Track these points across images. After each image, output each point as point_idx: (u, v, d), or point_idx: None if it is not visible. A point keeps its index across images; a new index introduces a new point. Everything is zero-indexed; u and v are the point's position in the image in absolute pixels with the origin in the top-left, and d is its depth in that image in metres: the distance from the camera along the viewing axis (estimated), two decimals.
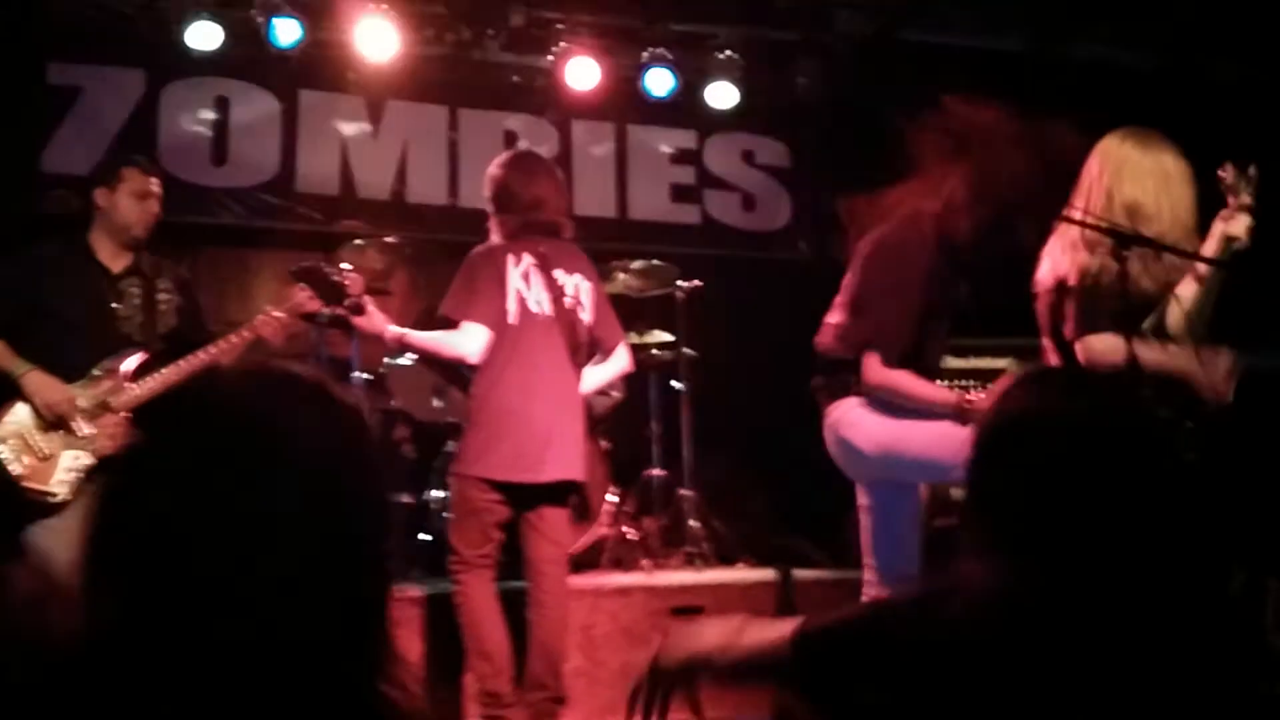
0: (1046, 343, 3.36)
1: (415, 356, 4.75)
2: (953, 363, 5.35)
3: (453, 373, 4.60)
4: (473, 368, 3.67)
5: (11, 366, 3.58)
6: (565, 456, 3.63)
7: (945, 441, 2.90)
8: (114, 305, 3.77)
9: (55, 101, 5.45)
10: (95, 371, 3.67)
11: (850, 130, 6.51)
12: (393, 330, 3.70)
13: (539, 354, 3.63)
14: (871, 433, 3.16)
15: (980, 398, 3.14)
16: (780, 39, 6.22)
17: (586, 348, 3.82)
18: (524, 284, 3.66)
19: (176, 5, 5.31)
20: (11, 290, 3.69)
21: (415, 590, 4.14)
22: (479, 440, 3.59)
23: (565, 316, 3.70)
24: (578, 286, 3.77)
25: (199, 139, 5.74)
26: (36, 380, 3.58)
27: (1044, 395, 1.42)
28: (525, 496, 3.60)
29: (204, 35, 5.35)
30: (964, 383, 5.32)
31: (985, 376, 5.32)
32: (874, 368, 3.18)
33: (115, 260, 3.83)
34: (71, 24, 5.44)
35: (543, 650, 3.57)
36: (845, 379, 3.23)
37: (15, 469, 3.54)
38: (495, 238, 3.77)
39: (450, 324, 3.63)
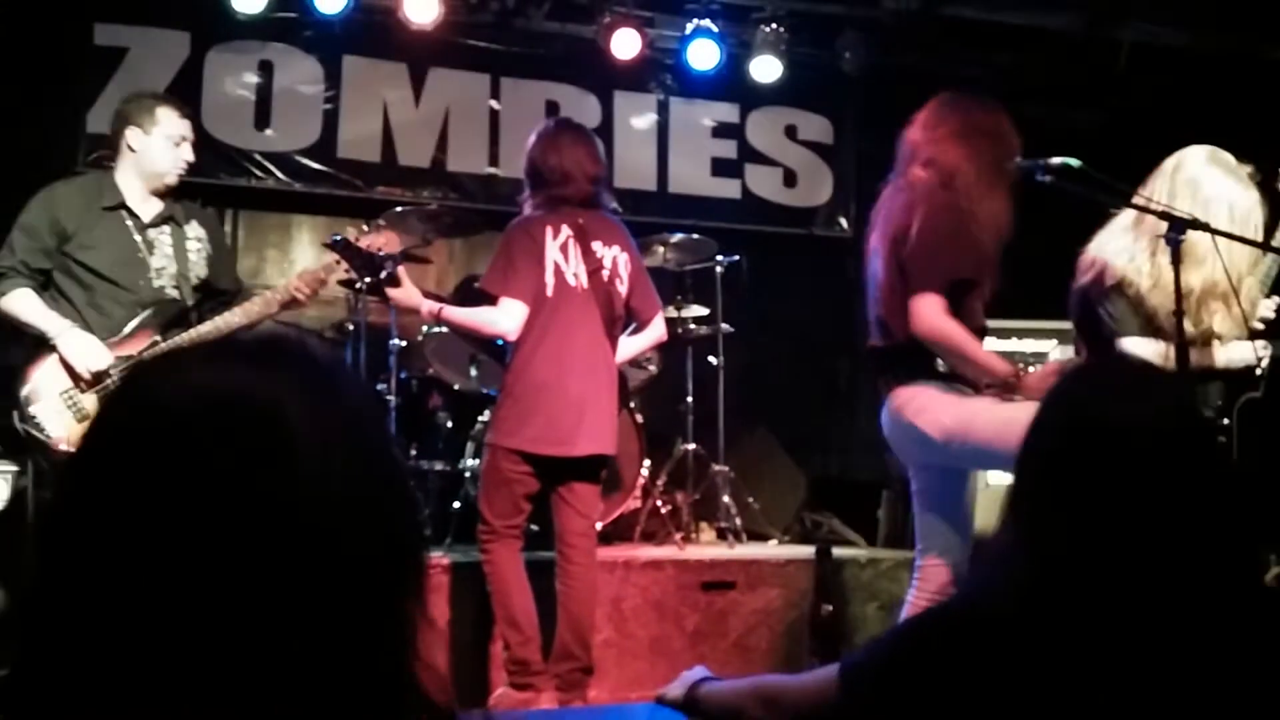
0: (1078, 336, 3.33)
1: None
2: (994, 345, 5.30)
3: (487, 344, 4.60)
4: (510, 341, 3.67)
5: (46, 324, 3.41)
6: (598, 430, 3.63)
7: (1014, 428, 2.83)
8: (146, 256, 3.57)
9: (102, 62, 5.47)
10: (128, 329, 3.49)
11: (894, 107, 6.43)
12: (429, 305, 3.67)
13: (575, 327, 3.63)
14: (941, 417, 2.99)
15: (1032, 375, 3.07)
16: (825, 13, 6.15)
17: (623, 320, 3.82)
18: (562, 256, 3.65)
19: None
20: (40, 237, 3.48)
21: (445, 558, 4.17)
22: (513, 412, 3.60)
23: (602, 289, 3.69)
24: (615, 259, 3.75)
25: (242, 102, 5.76)
26: (73, 340, 3.40)
27: (1108, 395, 1.40)
28: (557, 469, 3.62)
29: None
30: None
31: (1028, 360, 5.28)
32: (930, 312, 2.96)
33: (145, 207, 3.61)
34: None
35: (572, 621, 3.60)
36: (915, 363, 3.07)
37: (54, 430, 3.40)
38: (535, 208, 3.76)
39: (489, 298, 3.63)
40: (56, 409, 3.42)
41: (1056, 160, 2.98)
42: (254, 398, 0.80)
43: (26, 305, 3.44)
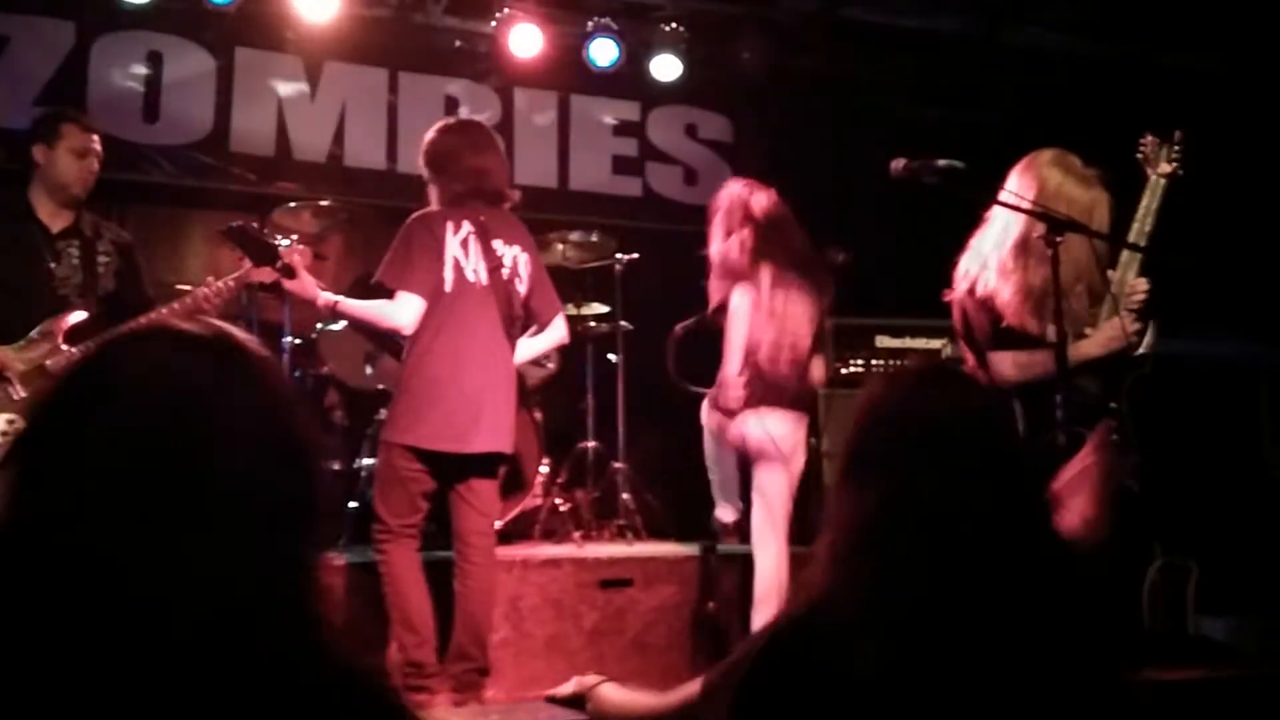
0: (962, 344, 3.44)
1: (346, 323, 4.70)
2: (887, 342, 5.42)
3: (384, 340, 4.55)
4: (406, 336, 3.63)
5: None
6: (495, 428, 3.60)
7: None
8: (52, 265, 3.67)
9: None
10: (32, 334, 3.57)
11: (792, 106, 6.54)
12: (325, 297, 3.63)
13: (473, 324, 3.59)
14: None
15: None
16: (725, 12, 6.21)
17: (522, 320, 3.79)
18: (462, 252, 3.61)
19: None
20: None
21: (340, 558, 4.11)
22: (409, 408, 3.54)
23: (502, 288, 3.66)
24: (516, 258, 3.73)
25: (131, 94, 5.60)
26: None
27: (903, 391, 1.46)
28: (454, 467, 3.58)
29: None
30: (900, 362, 5.41)
31: (921, 356, 5.41)
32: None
33: (54, 219, 3.72)
34: None
35: (469, 621, 3.57)
36: None
37: None
38: (435, 203, 3.72)
39: (385, 291, 3.58)
40: None
41: (943, 162, 3.07)
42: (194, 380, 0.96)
43: None
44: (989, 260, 3.32)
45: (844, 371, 5.38)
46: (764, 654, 1.37)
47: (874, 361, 5.41)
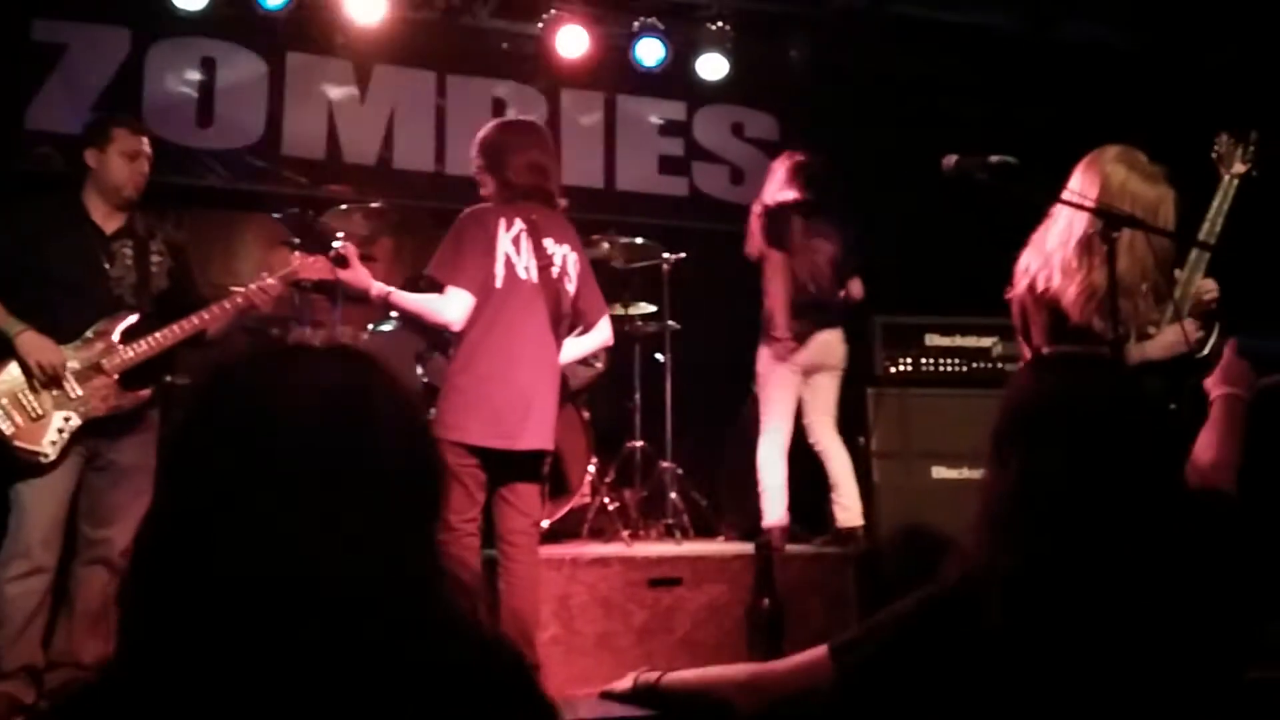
0: (1020, 342, 3.40)
1: (399, 319, 4.74)
2: (937, 340, 5.38)
3: (436, 336, 4.57)
4: (454, 332, 3.63)
5: (6, 325, 3.55)
6: (542, 426, 3.59)
7: None
8: (106, 266, 3.73)
9: (40, 58, 5.40)
10: (88, 334, 3.63)
11: (839, 104, 6.51)
12: (378, 287, 3.64)
13: (522, 321, 3.59)
14: None
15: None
16: (771, 11, 6.19)
17: (569, 319, 3.79)
18: (514, 249, 3.61)
19: None
20: (6, 249, 3.65)
21: None
22: (458, 404, 3.53)
23: (551, 286, 3.66)
24: (565, 257, 3.73)
25: (184, 99, 5.70)
26: (30, 340, 3.55)
27: (1049, 386, 1.45)
28: (500, 464, 3.56)
29: None
30: (949, 361, 5.36)
31: (970, 355, 5.36)
32: None
33: (108, 221, 3.79)
34: None
35: (514, 618, 3.55)
36: None
37: (6, 427, 3.52)
38: (487, 199, 3.72)
39: (436, 285, 3.59)
40: (10, 406, 3.54)
41: (995, 158, 3.04)
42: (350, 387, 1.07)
43: None
44: (1052, 258, 3.25)
45: (892, 370, 5.33)
46: (917, 620, 1.37)
47: (923, 360, 5.36)
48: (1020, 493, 1.39)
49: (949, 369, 5.35)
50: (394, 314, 4.68)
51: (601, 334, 3.90)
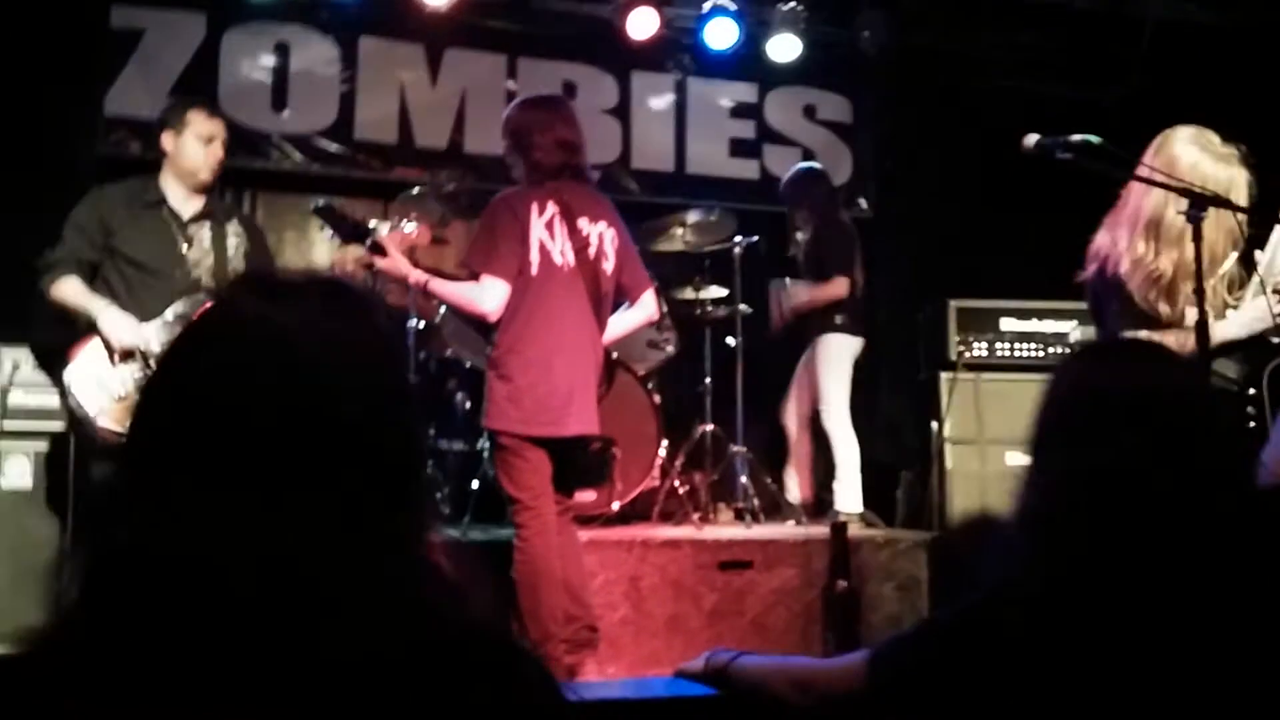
0: (1095, 325, 3.33)
1: (449, 308, 4.74)
2: (1012, 325, 5.28)
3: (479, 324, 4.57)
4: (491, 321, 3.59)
5: (88, 304, 3.65)
6: (585, 410, 3.58)
7: None
8: (184, 249, 3.81)
9: (118, 44, 5.48)
10: (168, 315, 3.69)
11: (914, 86, 6.41)
12: (417, 275, 3.63)
13: (561, 307, 3.56)
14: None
15: None
16: None
17: (611, 297, 3.74)
18: (547, 234, 3.57)
19: None
20: (89, 231, 3.75)
21: (462, 536, 4.18)
22: (502, 393, 3.53)
23: (589, 267, 3.63)
24: (601, 235, 3.68)
25: (259, 84, 5.76)
26: (113, 318, 3.63)
27: (1102, 366, 1.40)
28: (548, 448, 3.55)
29: None
30: (1026, 346, 5.26)
31: (1047, 340, 5.26)
32: None
33: (185, 204, 3.86)
34: None
35: (564, 587, 3.52)
36: None
37: (91, 409, 3.59)
38: (519, 181, 3.69)
39: (472, 274, 3.57)
40: (94, 386, 3.62)
41: (1077, 137, 2.96)
42: (267, 325, 0.93)
43: (72, 291, 3.71)
44: (1120, 241, 3.20)
45: (967, 355, 5.24)
46: (952, 628, 1.34)
47: (998, 345, 5.27)
48: (1063, 493, 1.33)
49: (1025, 354, 5.24)
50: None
51: (646, 308, 3.84)
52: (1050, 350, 5.24)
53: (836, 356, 5.16)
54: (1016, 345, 5.29)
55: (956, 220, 6.19)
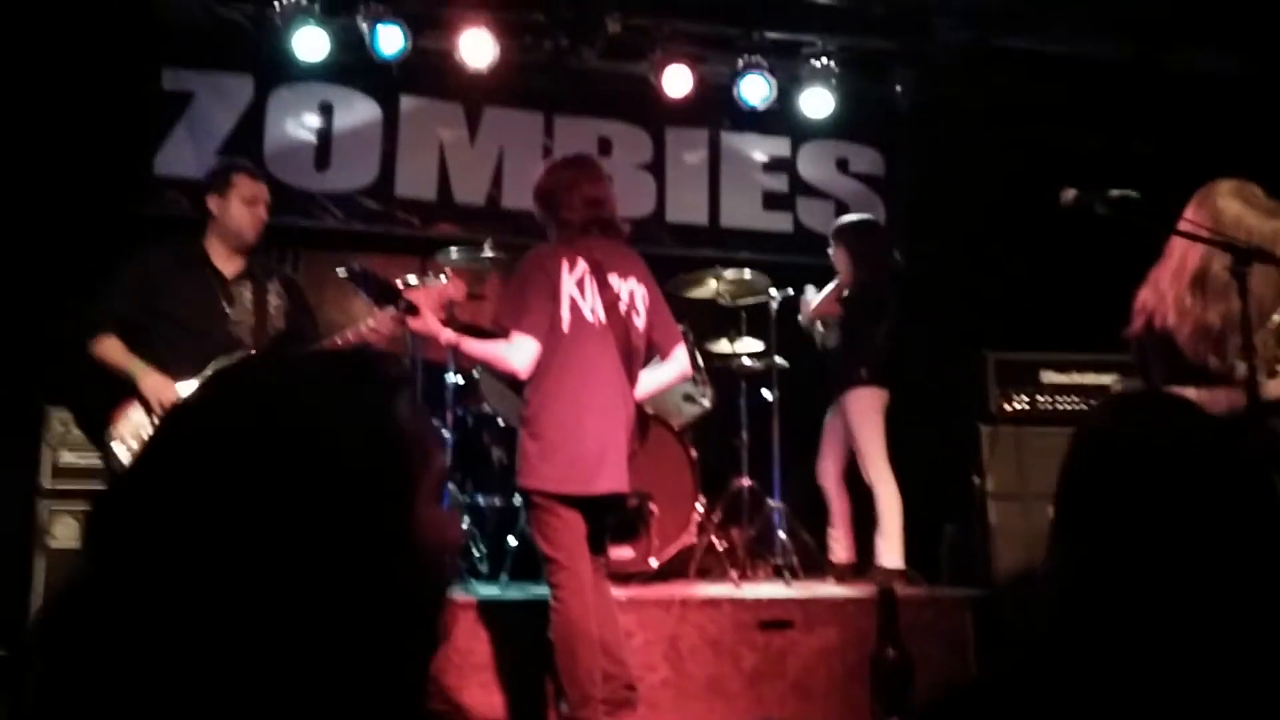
0: (1142, 381, 3.31)
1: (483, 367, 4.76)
2: (1053, 378, 5.24)
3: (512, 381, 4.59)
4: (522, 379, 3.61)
5: (129, 366, 3.72)
6: (617, 468, 3.57)
7: None
8: (226, 308, 3.89)
9: (169, 106, 5.63)
10: (208, 372, 3.76)
11: (947, 138, 6.43)
12: (448, 334, 3.65)
13: (592, 364, 3.57)
14: None
15: None
16: (876, 46, 6.15)
17: (642, 353, 3.75)
18: (578, 291, 3.60)
19: (285, 13, 5.42)
20: (132, 291, 3.83)
21: (500, 594, 4.17)
22: (535, 451, 3.53)
23: (619, 324, 3.64)
24: (632, 292, 3.70)
25: (304, 143, 5.88)
26: (153, 381, 3.71)
27: (1128, 419, 1.38)
28: (580, 506, 3.54)
29: (311, 42, 5.47)
30: (1067, 398, 5.22)
31: (1089, 393, 5.21)
32: None
33: (228, 264, 3.95)
34: (185, 31, 5.62)
35: (601, 647, 3.50)
36: None
37: None
38: (552, 239, 3.72)
39: (503, 331, 3.59)
40: (136, 446, 3.69)
41: (1116, 192, 2.96)
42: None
43: (113, 350, 3.78)
44: (1166, 295, 3.19)
45: (1007, 408, 5.20)
46: (996, 694, 1.32)
47: (1039, 398, 5.22)
48: (1088, 566, 1.31)
49: (1067, 407, 5.19)
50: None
51: (678, 364, 3.83)
52: (1093, 402, 5.19)
53: (867, 409, 5.16)
54: (1058, 398, 5.24)
55: (990, 272, 6.17)
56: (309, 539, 0.81)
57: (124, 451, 3.68)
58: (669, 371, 3.83)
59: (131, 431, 3.70)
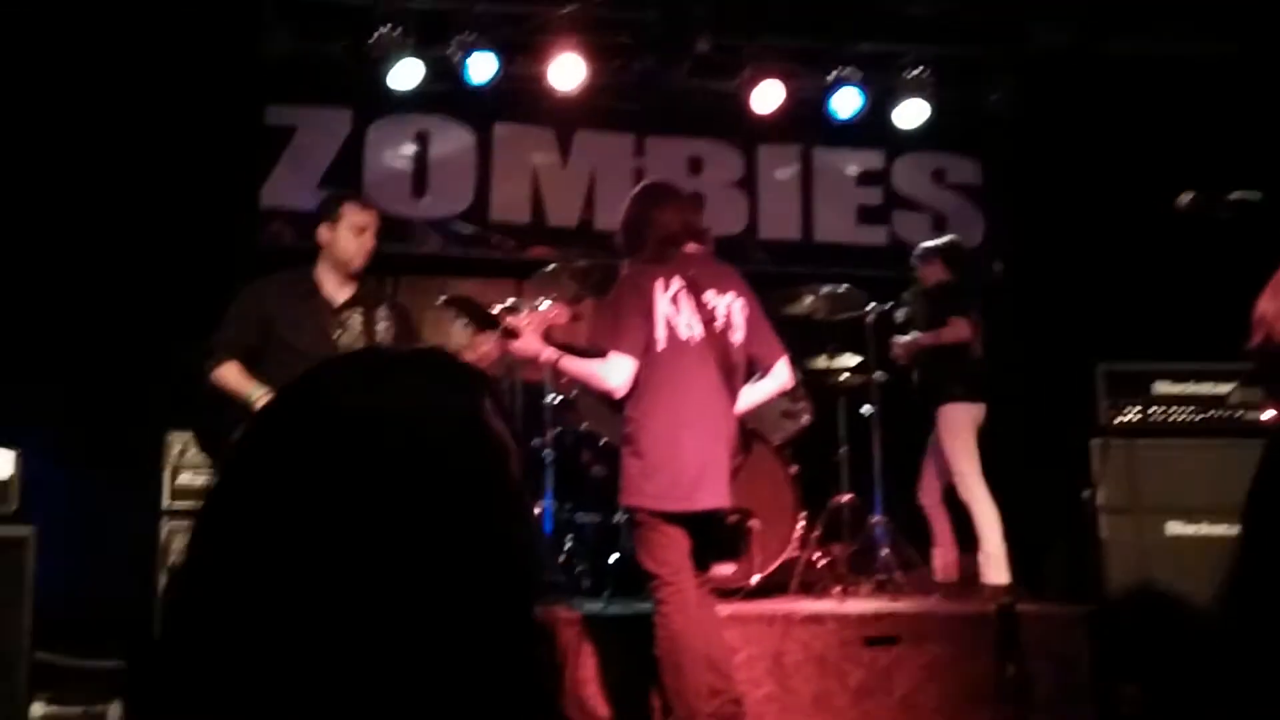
0: (1269, 396, 3.19)
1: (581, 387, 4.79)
2: (1166, 388, 5.08)
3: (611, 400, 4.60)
4: (619, 398, 3.61)
5: (246, 390, 3.82)
6: (717, 484, 3.55)
7: None
8: (336, 336, 3.97)
9: (272, 141, 5.82)
10: None
11: (1046, 146, 6.30)
12: (548, 353, 3.68)
13: (690, 381, 3.55)
14: None
15: None
16: (972, 54, 6.07)
17: (742, 368, 3.72)
18: (673, 309, 3.59)
19: (381, 46, 5.56)
20: (248, 320, 3.94)
21: (603, 610, 4.18)
22: (637, 469, 3.54)
23: (717, 340, 3.62)
24: (729, 307, 3.68)
25: (401, 172, 6.02)
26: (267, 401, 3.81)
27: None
28: (683, 523, 3.53)
29: (406, 73, 5.60)
30: (1182, 409, 5.04)
31: (1205, 403, 5.03)
32: None
33: (338, 292, 4.03)
34: (285, 67, 5.80)
35: (707, 663, 3.48)
36: None
37: None
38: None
39: (599, 351, 3.59)
40: None
41: (1236, 194, 2.87)
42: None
43: (233, 376, 3.88)
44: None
45: (1118, 420, 5.04)
46: None
47: (1151, 409, 5.05)
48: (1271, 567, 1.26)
49: (1181, 418, 5.02)
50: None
51: (779, 378, 3.79)
52: (1209, 413, 5.00)
53: (959, 426, 5.06)
54: (1171, 409, 5.07)
55: (1097, 281, 6.02)
56: (410, 523, 0.82)
57: None
58: (770, 385, 3.80)
59: None
